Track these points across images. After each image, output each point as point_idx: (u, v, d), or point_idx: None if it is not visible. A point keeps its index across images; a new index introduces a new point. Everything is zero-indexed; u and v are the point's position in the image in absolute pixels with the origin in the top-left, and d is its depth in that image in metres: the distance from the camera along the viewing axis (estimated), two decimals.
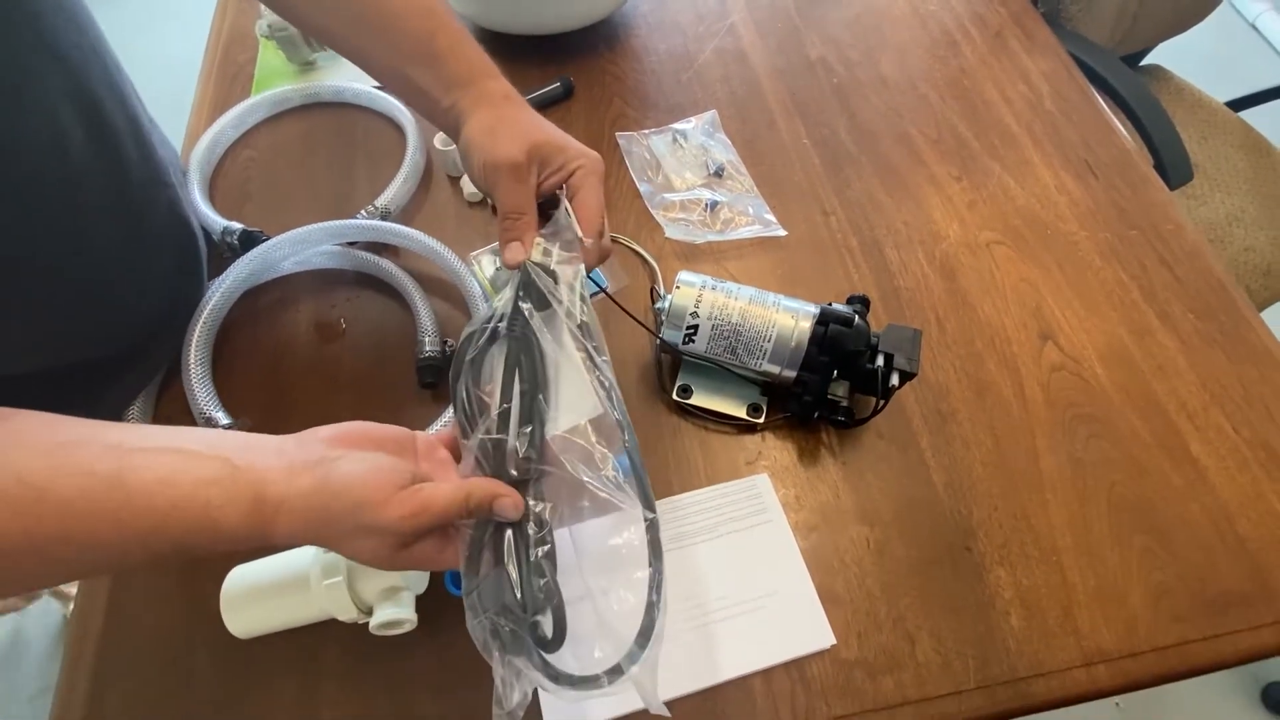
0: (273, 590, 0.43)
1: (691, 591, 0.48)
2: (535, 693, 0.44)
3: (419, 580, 0.46)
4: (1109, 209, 0.67)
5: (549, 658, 0.35)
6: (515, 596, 0.35)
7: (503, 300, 0.42)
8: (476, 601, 0.35)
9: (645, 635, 0.36)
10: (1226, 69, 1.52)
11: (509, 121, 0.43)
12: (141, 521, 0.30)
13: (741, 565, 0.49)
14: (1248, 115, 1.15)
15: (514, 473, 0.38)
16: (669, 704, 0.44)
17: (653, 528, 0.38)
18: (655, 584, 0.37)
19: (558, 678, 0.34)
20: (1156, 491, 0.53)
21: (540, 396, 0.40)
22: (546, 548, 0.37)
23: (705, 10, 0.83)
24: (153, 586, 0.49)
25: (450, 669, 0.46)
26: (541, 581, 0.36)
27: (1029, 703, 0.46)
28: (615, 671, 0.35)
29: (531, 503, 0.38)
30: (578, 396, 0.40)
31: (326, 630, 0.45)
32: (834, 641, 0.47)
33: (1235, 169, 1.08)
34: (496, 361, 0.41)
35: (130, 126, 0.47)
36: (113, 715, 0.45)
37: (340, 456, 0.35)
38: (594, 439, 0.39)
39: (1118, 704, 1.11)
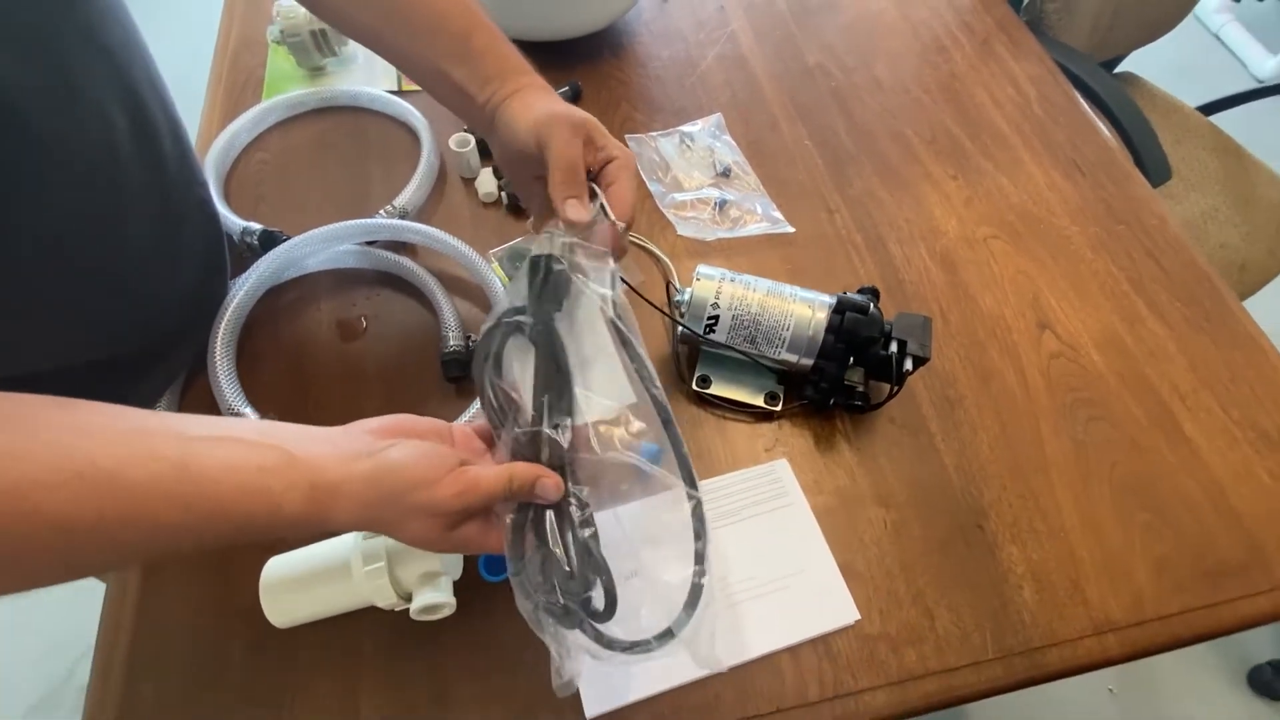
0: (313, 578, 0.44)
1: (719, 573, 0.49)
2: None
3: (455, 566, 0.47)
4: (1097, 205, 0.71)
5: (600, 627, 0.36)
6: (565, 571, 0.36)
7: (520, 293, 0.43)
8: (526, 581, 0.36)
9: (694, 601, 0.37)
10: (1192, 76, 1.59)
11: (550, 101, 0.44)
12: (207, 506, 0.31)
13: (766, 547, 0.51)
14: (1216, 119, 1.21)
15: (550, 460, 0.39)
16: (701, 684, 0.46)
17: (697, 504, 0.40)
18: (701, 555, 0.39)
19: (611, 645, 0.36)
20: (1154, 469, 0.55)
21: (574, 385, 0.41)
22: (590, 530, 0.38)
23: (705, 18, 0.86)
24: (185, 579, 0.49)
25: (486, 653, 0.47)
26: (589, 558, 0.37)
27: (1044, 671, 0.48)
28: (665, 635, 0.36)
29: (571, 485, 0.39)
30: (612, 384, 0.42)
31: (362, 620, 0.45)
32: (858, 617, 0.48)
33: (1207, 170, 1.13)
34: (521, 353, 0.42)
35: (169, 124, 0.47)
36: (147, 707, 0.45)
37: (391, 445, 0.36)
38: (631, 425, 0.40)
39: (1111, 690, 1.14)
